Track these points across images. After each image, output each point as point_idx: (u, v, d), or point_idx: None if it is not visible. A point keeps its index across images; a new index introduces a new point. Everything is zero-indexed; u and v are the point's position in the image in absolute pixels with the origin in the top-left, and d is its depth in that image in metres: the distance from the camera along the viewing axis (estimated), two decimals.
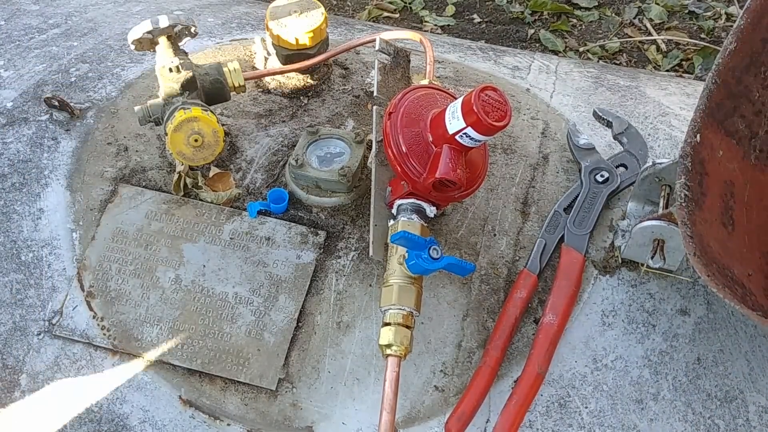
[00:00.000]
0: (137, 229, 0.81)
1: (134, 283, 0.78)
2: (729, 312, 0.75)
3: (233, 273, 0.78)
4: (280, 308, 0.76)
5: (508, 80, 1.01)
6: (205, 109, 0.79)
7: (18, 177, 0.86)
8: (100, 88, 0.94)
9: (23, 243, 0.82)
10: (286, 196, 0.81)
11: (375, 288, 0.77)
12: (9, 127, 0.90)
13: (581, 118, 0.93)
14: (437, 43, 1.11)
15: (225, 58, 0.99)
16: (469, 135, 0.66)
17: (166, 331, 0.76)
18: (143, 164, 0.86)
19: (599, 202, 0.80)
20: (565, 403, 0.72)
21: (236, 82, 0.84)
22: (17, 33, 1.03)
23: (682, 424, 0.71)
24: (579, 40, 1.76)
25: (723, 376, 0.72)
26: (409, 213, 0.71)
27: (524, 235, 0.81)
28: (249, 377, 0.73)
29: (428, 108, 0.71)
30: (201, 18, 1.09)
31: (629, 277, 0.77)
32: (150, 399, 0.74)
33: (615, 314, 0.76)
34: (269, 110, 0.92)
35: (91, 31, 1.05)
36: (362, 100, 0.93)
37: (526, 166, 0.87)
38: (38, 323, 0.78)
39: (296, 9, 0.89)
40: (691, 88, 1.06)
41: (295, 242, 0.80)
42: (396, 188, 0.73)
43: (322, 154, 0.83)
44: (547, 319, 0.73)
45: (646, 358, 0.73)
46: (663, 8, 1.78)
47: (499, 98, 0.64)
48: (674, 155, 0.88)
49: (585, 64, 1.12)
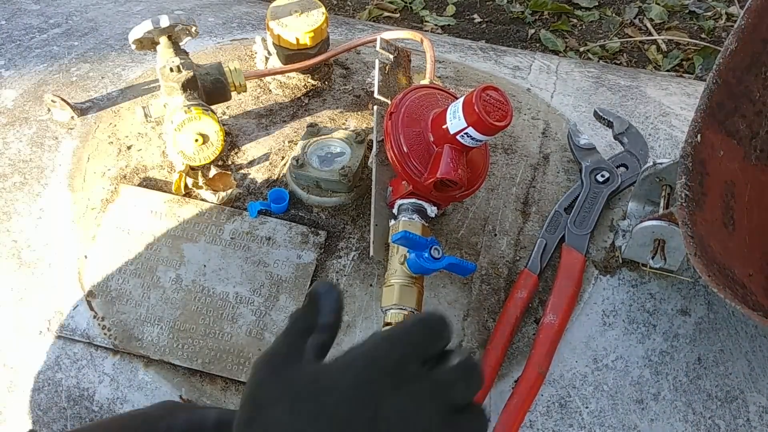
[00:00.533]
0: (138, 228, 0.81)
1: (135, 282, 0.78)
2: (730, 312, 0.75)
3: (234, 273, 0.78)
4: (280, 308, 0.76)
5: (509, 80, 1.01)
6: (206, 109, 0.79)
7: (19, 176, 0.86)
8: (101, 87, 0.94)
9: (24, 242, 0.82)
10: (287, 196, 0.81)
11: (376, 288, 0.77)
12: (10, 127, 0.90)
13: (582, 118, 0.93)
14: (438, 43, 1.11)
15: (226, 57, 0.99)
16: (470, 135, 0.66)
17: (167, 331, 0.76)
18: (144, 164, 0.86)
19: (600, 202, 0.80)
20: (565, 403, 0.72)
21: (237, 81, 0.85)
22: (18, 33, 1.03)
23: (682, 424, 0.71)
24: (579, 40, 1.76)
25: (724, 376, 0.72)
26: (410, 213, 0.71)
27: (525, 235, 0.81)
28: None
29: (429, 108, 0.71)
30: (202, 18, 1.09)
31: (630, 277, 0.77)
32: (151, 399, 0.74)
33: (615, 314, 0.76)
34: (270, 110, 0.92)
35: (91, 31, 1.05)
36: (363, 100, 0.93)
37: (527, 166, 0.87)
38: (39, 323, 0.78)
39: (297, 9, 0.89)
40: (691, 88, 1.06)
41: (295, 242, 0.80)
42: (397, 188, 0.73)
43: (323, 153, 0.83)
44: (548, 319, 0.73)
45: (647, 358, 0.73)
46: (663, 8, 1.78)
47: (500, 98, 0.64)
48: (675, 155, 0.88)
49: (585, 64, 1.12)
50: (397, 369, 0.43)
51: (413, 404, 0.42)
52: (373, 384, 0.42)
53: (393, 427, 0.41)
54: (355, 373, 0.43)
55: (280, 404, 0.43)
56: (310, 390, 0.43)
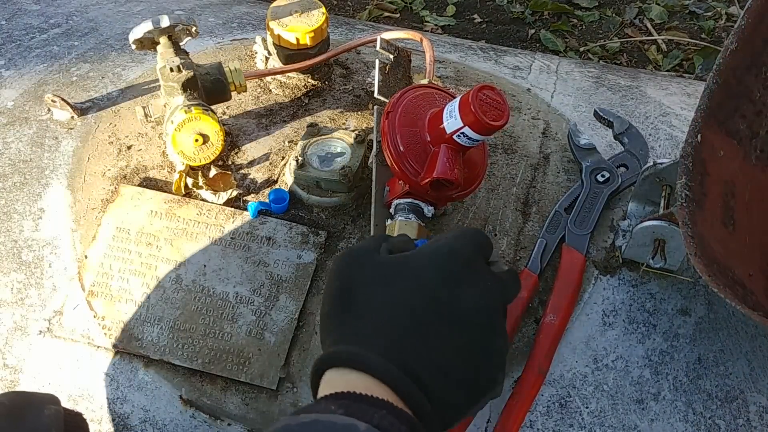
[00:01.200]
0: (138, 228, 0.81)
1: (135, 282, 0.78)
2: (730, 312, 0.75)
3: (234, 273, 0.78)
4: (281, 308, 0.76)
5: (509, 80, 1.01)
6: (206, 109, 0.79)
7: (19, 176, 0.86)
8: (101, 87, 0.94)
9: (24, 243, 0.82)
10: (287, 196, 0.81)
11: None
12: (10, 127, 0.90)
13: (582, 118, 0.93)
14: (438, 43, 1.11)
15: (226, 57, 0.99)
16: (467, 134, 0.66)
17: (167, 331, 0.76)
18: (144, 164, 0.86)
19: (600, 202, 0.80)
20: (565, 403, 0.72)
21: (237, 81, 0.85)
22: (18, 33, 1.03)
23: (682, 424, 0.71)
24: (579, 40, 1.76)
25: (724, 376, 0.72)
26: (407, 213, 0.71)
27: (525, 235, 0.81)
28: (250, 377, 0.73)
29: (427, 107, 0.71)
30: (202, 18, 1.09)
31: (630, 277, 0.77)
32: (151, 399, 0.74)
33: (616, 314, 0.76)
34: (270, 110, 0.92)
35: (92, 31, 1.05)
36: (363, 100, 0.93)
37: (527, 166, 0.87)
38: (39, 323, 0.78)
39: (297, 9, 0.89)
40: (691, 88, 1.06)
41: (295, 242, 0.80)
42: (394, 188, 0.73)
43: (323, 153, 0.83)
44: (548, 319, 0.73)
45: (647, 358, 0.73)
46: (663, 8, 1.78)
47: (496, 97, 0.64)
48: (675, 155, 0.88)
49: (586, 64, 1.12)
50: (471, 262, 0.52)
51: (485, 293, 0.51)
52: (454, 270, 0.50)
53: (470, 309, 0.49)
54: (441, 260, 0.51)
55: (375, 284, 0.50)
56: (401, 271, 0.50)
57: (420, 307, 0.49)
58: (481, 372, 0.51)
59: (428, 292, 0.49)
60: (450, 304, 0.49)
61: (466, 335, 0.50)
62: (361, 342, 0.48)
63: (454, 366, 0.49)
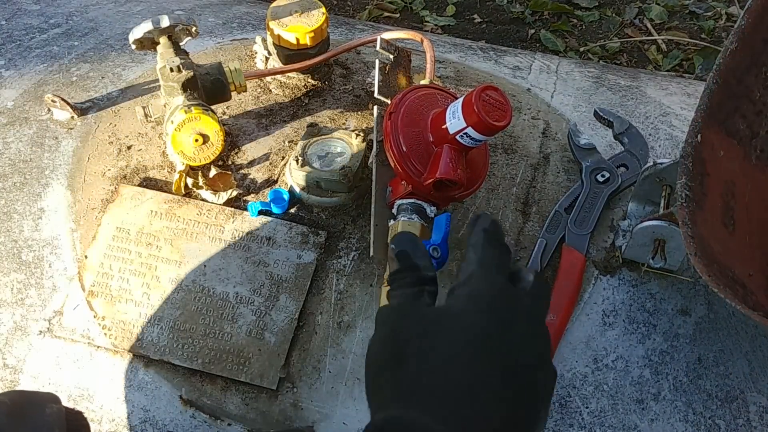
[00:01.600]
0: (138, 228, 0.81)
1: (135, 282, 0.78)
2: (730, 312, 0.75)
3: (234, 273, 0.78)
4: (280, 308, 0.76)
5: (509, 80, 1.01)
6: (206, 109, 0.79)
7: (19, 177, 0.86)
8: (101, 87, 0.94)
9: (24, 243, 0.82)
10: (287, 196, 0.81)
11: (376, 288, 0.77)
12: (10, 127, 0.90)
13: (582, 118, 0.93)
14: (438, 43, 1.11)
15: (226, 57, 0.99)
16: (470, 135, 0.66)
17: (167, 331, 0.76)
18: (144, 164, 0.86)
19: (600, 202, 0.80)
20: (565, 403, 0.72)
21: (237, 81, 0.85)
22: (18, 33, 1.03)
23: (682, 424, 0.71)
24: (579, 40, 1.75)
25: (724, 376, 0.72)
26: (410, 213, 0.71)
27: (525, 235, 0.81)
28: (250, 377, 0.73)
29: (429, 108, 0.71)
30: (202, 18, 1.09)
31: (630, 277, 0.77)
32: (151, 399, 0.74)
33: (616, 314, 0.76)
34: (270, 110, 0.92)
35: (92, 31, 1.05)
36: (363, 100, 0.93)
37: (527, 166, 0.87)
38: (39, 323, 0.78)
39: (297, 9, 0.89)
40: (691, 88, 1.06)
41: (295, 242, 0.80)
42: (396, 188, 0.73)
43: (323, 153, 0.83)
44: (548, 319, 0.73)
45: (647, 358, 0.73)
46: (663, 8, 1.78)
47: (499, 98, 0.64)
48: (675, 155, 0.88)
49: (586, 64, 1.12)
50: (499, 296, 0.50)
51: (527, 322, 0.50)
52: (491, 313, 0.49)
53: (519, 343, 0.48)
54: (474, 310, 0.49)
55: (426, 337, 0.49)
56: (445, 324, 0.49)
57: (471, 359, 0.47)
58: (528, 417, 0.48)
59: (479, 342, 0.48)
60: (500, 352, 0.48)
61: (517, 382, 0.48)
62: (421, 405, 0.47)
63: (507, 421, 0.47)
